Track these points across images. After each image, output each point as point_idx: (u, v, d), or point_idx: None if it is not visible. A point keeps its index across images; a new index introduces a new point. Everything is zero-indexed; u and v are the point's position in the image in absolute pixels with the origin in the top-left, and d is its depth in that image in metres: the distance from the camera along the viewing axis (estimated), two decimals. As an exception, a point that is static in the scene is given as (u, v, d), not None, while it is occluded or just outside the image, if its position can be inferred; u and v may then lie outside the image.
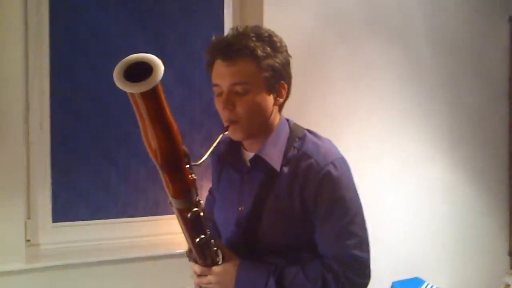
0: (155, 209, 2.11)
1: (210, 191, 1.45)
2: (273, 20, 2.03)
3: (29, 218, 1.84)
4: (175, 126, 0.91)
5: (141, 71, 0.82)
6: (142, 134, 0.91)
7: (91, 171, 2.03)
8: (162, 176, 0.96)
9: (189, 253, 1.19)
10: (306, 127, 1.25)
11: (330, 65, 2.22)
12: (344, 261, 1.09)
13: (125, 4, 2.08)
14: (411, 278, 2.37)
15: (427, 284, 2.36)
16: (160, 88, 0.86)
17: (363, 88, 2.30)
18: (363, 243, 1.12)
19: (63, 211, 1.95)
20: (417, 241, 2.46)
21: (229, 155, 1.25)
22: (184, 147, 0.95)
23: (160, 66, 0.83)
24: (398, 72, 2.39)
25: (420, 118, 2.46)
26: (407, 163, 2.43)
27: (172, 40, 2.16)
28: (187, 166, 0.97)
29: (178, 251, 1.94)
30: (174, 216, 1.05)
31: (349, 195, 1.12)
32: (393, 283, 2.33)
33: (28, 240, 1.82)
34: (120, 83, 0.82)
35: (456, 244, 2.58)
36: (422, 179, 2.47)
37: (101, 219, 2.02)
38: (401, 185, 2.41)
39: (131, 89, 0.82)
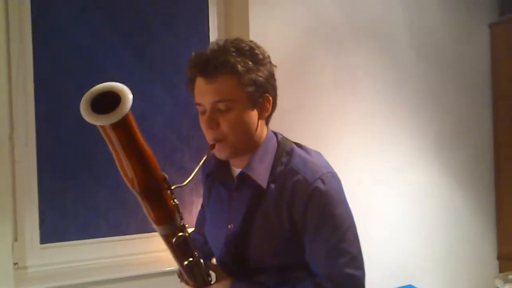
0: (146, 226, 2.08)
1: (203, 206, 1.42)
2: (259, 32, 2.03)
3: (15, 240, 1.80)
4: (150, 153, 0.88)
5: (108, 101, 0.78)
6: (117, 164, 0.88)
7: (79, 189, 2.00)
8: (142, 204, 0.93)
9: (180, 275, 1.17)
10: (293, 135, 1.22)
11: (316, 73, 2.23)
12: (336, 280, 1.05)
13: (109, 21, 2.07)
14: (404, 286, 2.37)
15: (421, 291, 2.36)
16: (131, 117, 0.82)
17: (350, 95, 2.31)
18: (356, 260, 1.08)
19: (51, 231, 1.91)
20: (408, 248, 2.46)
21: (218, 171, 1.22)
22: (162, 173, 0.91)
23: (128, 95, 0.79)
24: (383, 79, 2.40)
25: (406, 124, 2.48)
26: (396, 169, 2.44)
27: (158, 54, 2.15)
28: (168, 191, 0.93)
29: (169, 268, 1.91)
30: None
31: (338, 211, 1.08)
32: (387, 291, 2.32)
33: (16, 263, 1.78)
34: (88, 117, 0.78)
35: (446, 250, 2.59)
36: (410, 185, 2.48)
37: (91, 238, 1.98)
38: (389, 192, 2.41)
39: (100, 121, 0.78)
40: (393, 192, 2.42)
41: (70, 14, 1.99)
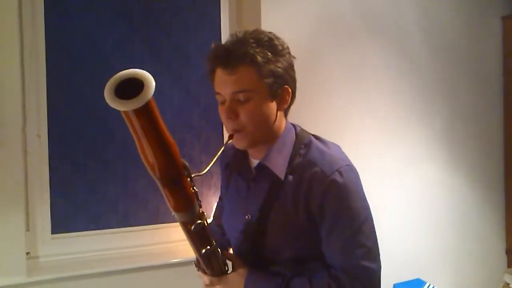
0: (155, 218, 2.09)
1: (221, 198, 1.43)
2: (271, 25, 2.02)
3: (27, 230, 1.81)
4: (172, 140, 0.89)
5: (131, 87, 0.80)
6: (139, 150, 0.89)
7: (90, 181, 2.01)
8: (162, 190, 0.94)
9: (197, 263, 1.18)
10: (303, 128, 1.22)
11: (327, 67, 2.23)
12: (352, 272, 1.05)
13: (120, 15, 2.07)
14: (413, 280, 2.38)
15: (428, 285, 2.36)
16: (153, 103, 0.83)
17: (360, 89, 2.31)
18: (372, 253, 1.07)
19: (62, 222, 1.94)
20: (417, 242, 2.47)
21: (236, 162, 1.23)
22: (183, 160, 0.92)
23: (151, 81, 0.80)
24: (394, 73, 2.40)
25: (417, 118, 2.48)
26: (405, 163, 2.44)
27: (169, 47, 2.15)
28: (188, 178, 0.94)
29: (178, 259, 1.93)
30: (175, 224, 1.03)
31: (355, 204, 1.07)
32: (394, 285, 2.33)
33: (28, 253, 1.80)
34: (112, 102, 0.79)
35: (455, 244, 2.59)
36: (419, 179, 2.48)
37: (101, 229, 2.00)
38: (398, 185, 2.42)
39: (123, 107, 0.79)
40: (402, 186, 2.42)
41: (81, 7, 1.99)
